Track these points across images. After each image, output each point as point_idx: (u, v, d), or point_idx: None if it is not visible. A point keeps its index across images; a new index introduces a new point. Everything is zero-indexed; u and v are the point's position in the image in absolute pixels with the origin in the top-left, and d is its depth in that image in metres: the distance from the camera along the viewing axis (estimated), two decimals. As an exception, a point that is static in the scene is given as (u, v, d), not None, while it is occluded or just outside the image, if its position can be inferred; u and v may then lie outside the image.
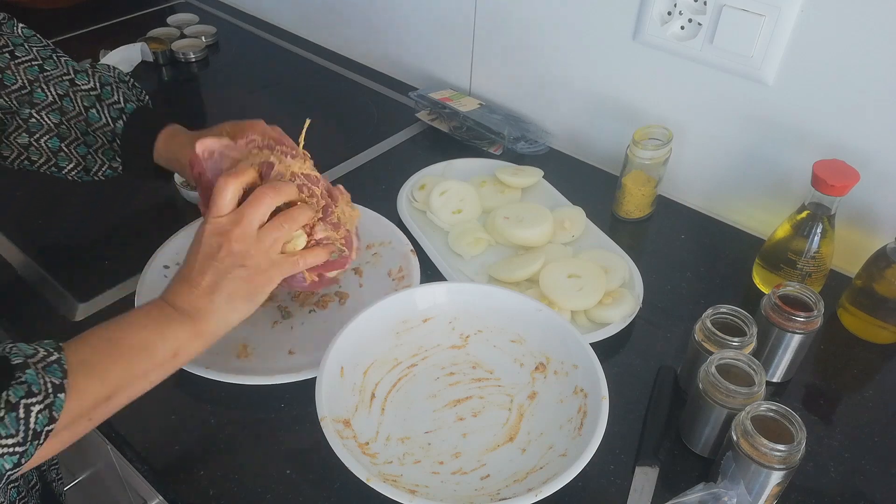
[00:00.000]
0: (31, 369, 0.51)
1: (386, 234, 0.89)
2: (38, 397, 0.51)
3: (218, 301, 0.61)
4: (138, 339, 0.58)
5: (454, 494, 0.63)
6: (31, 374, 0.51)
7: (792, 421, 0.61)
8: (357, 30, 1.33)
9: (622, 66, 1.00)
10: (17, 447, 0.50)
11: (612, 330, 0.79)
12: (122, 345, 0.57)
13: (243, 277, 0.61)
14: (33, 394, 0.51)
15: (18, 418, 0.50)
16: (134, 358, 0.57)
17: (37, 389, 0.51)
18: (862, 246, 0.85)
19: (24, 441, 0.50)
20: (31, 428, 0.51)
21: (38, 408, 0.51)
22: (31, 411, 0.51)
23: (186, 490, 0.65)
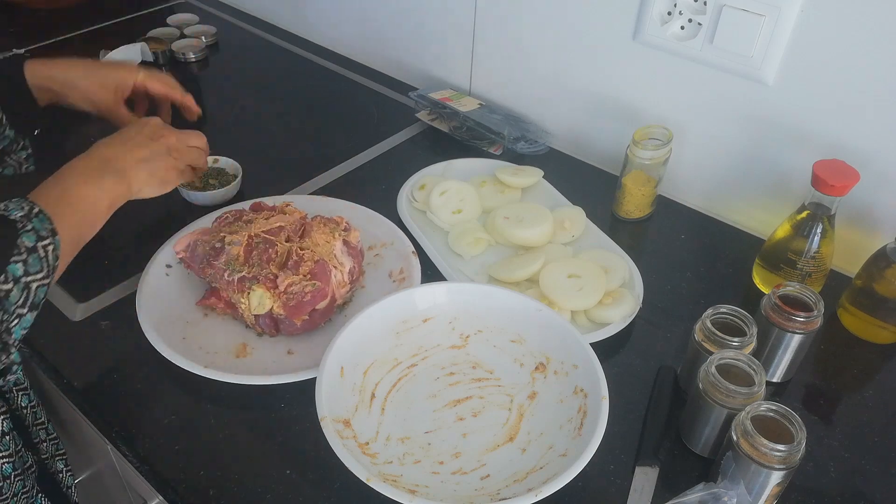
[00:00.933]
0: (32, 221, 0.62)
1: (387, 235, 0.89)
2: (46, 239, 0.62)
3: (142, 172, 0.77)
4: (83, 192, 0.70)
5: (454, 494, 0.63)
6: (36, 223, 0.62)
7: (792, 421, 0.61)
8: (357, 30, 1.33)
9: (622, 66, 1.00)
10: (45, 280, 0.62)
11: (612, 330, 0.79)
12: (71, 197, 0.68)
13: (167, 164, 0.80)
14: (43, 237, 0.62)
15: (40, 258, 0.62)
16: (82, 207, 0.69)
17: (44, 233, 0.62)
18: (862, 246, 0.85)
19: (48, 275, 0.63)
20: (50, 264, 0.63)
21: (50, 248, 0.63)
22: (47, 251, 0.62)
23: (186, 490, 0.65)
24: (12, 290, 0.59)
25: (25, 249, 0.60)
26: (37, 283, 0.61)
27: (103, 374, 0.75)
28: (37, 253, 0.61)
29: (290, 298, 0.74)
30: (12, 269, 0.59)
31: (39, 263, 0.61)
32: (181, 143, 0.83)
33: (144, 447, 0.69)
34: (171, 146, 0.81)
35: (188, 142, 0.85)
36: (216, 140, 0.96)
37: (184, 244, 0.81)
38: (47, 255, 0.62)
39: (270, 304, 0.74)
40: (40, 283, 0.62)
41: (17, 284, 0.60)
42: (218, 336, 0.78)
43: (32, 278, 0.61)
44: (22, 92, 0.84)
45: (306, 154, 1.10)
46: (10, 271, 0.59)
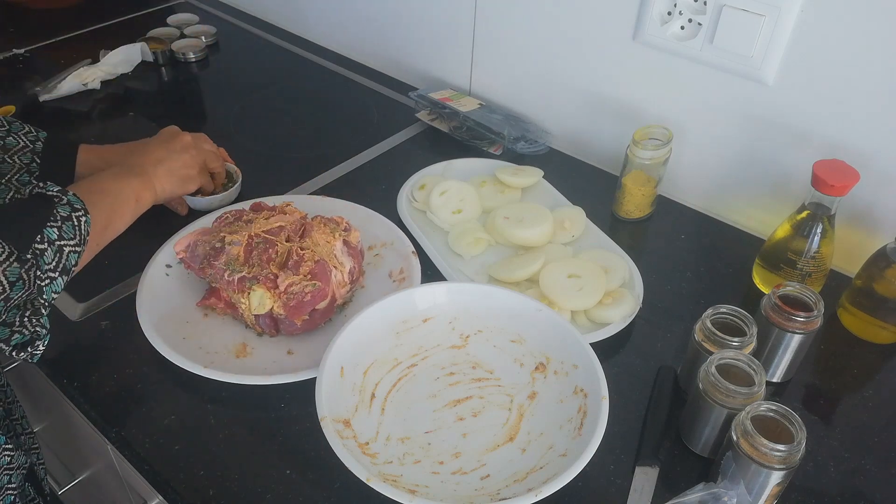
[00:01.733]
0: (68, 196, 0.67)
1: (388, 235, 0.89)
2: (80, 212, 0.67)
3: (161, 170, 0.83)
4: (112, 186, 0.76)
5: (454, 494, 0.63)
6: (70, 197, 0.67)
7: (792, 421, 0.61)
8: (357, 30, 1.33)
9: (622, 66, 1.00)
10: (77, 247, 0.66)
11: (612, 330, 0.79)
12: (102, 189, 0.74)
13: (184, 162, 0.86)
14: (77, 209, 0.67)
15: (74, 226, 0.66)
16: (113, 198, 0.74)
17: (78, 206, 0.67)
18: (862, 246, 0.85)
19: (80, 243, 0.67)
20: (81, 234, 0.67)
21: (83, 220, 0.67)
22: (81, 221, 0.67)
23: (186, 490, 0.65)
24: (47, 251, 0.63)
25: (60, 218, 0.65)
26: (69, 248, 0.65)
27: (103, 374, 0.75)
28: (71, 221, 0.66)
29: (290, 298, 0.74)
30: (48, 232, 0.64)
31: (73, 231, 0.66)
32: (197, 143, 0.90)
33: (144, 447, 0.69)
34: (187, 144, 0.88)
35: (203, 144, 0.92)
36: (216, 140, 0.97)
37: (184, 244, 0.81)
38: (80, 224, 0.67)
39: (271, 304, 0.74)
40: (73, 249, 0.66)
41: (52, 246, 0.63)
42: (218, 336, 0.78)
43: (66, 243, 0.65)
44: (66, 178, 0.87)
45: (306, 154, 1.10)
46: (46, 234, 0.63)
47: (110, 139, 0.89)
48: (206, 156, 0.91)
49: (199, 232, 0.82)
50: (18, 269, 0.60)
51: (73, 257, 0.66)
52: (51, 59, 1.30)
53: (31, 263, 0.61)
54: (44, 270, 0.63)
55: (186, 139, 0.88)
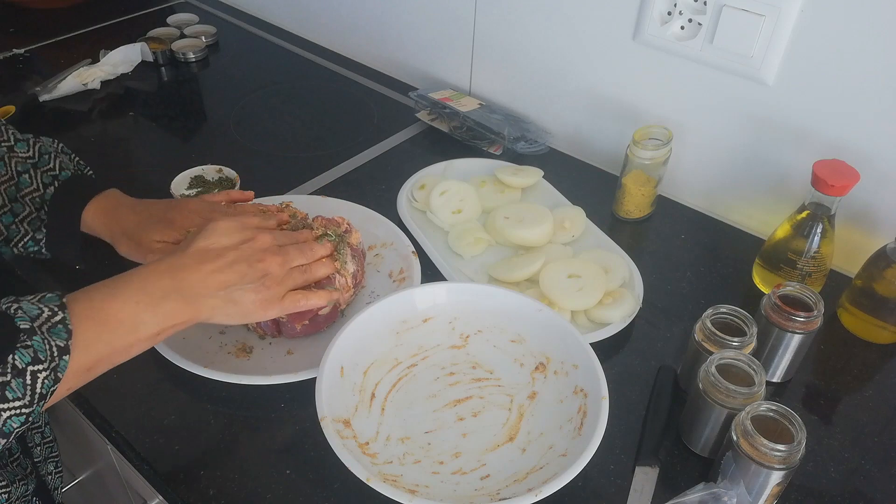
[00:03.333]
0: (38, 335, 0.52)
1: (388, 235, 0.89)
2: (43, 364, 0.52)
3: (220, 298, 0.61)
4: (130, 315, 0.57)
5: (454, 494, 0.63)
6: (38, 342, 0.51)
7: (792, 421, 0.61)
8: (357, 30, 1.33)
9: (622, 66, 1.00)
10: (24, 409, 0.51)
11: (612, 330, 0.79)
12: (112, 318, 0.57)
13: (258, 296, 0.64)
14: (39, 360, 0.51)
15: (25, 384, 0.51)
16: (121, 332, 0.57)
17: (43, 357, 0.52)
18: (862, 246, 0.85)
19: (30, 403, 0.51)
20: (37, 392, 0.52)
21: (43, 374, 0.52)
22: (38, 377, 0.51)
23: (186, 490, 0.65)
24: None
25: (12, 370, 0.50)
26: (11, 412, 0.50)
27: (103, 373, 0.75)
28: (23, 378, 0.51)
29: None
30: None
31: (22, 389, 0.51)
32: (285, 267, 0.66)
33: (144, 447, 0.69)
34: (271, 273, 0.65)
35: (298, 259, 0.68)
36: (216, 141, 0.97)
37: None
38: (36, 381, 0.51)
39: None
40: (16, 412, 0.51)
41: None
42: (218, 336, 0.78)
43: (7, 406, 0.50)
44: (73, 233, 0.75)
45: (306, 154, 1.10)
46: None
47: (110, 139, 0.89)
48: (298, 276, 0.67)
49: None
50: None
51: (16, 421, 0.51)
52: (51, 59, 1.30)
53: None
54: None
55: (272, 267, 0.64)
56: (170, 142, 1.13)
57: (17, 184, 0.75)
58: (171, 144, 1.12)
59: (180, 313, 0.60)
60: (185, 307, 0.60)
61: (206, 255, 0.62)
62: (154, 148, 1.11)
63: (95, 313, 0.56)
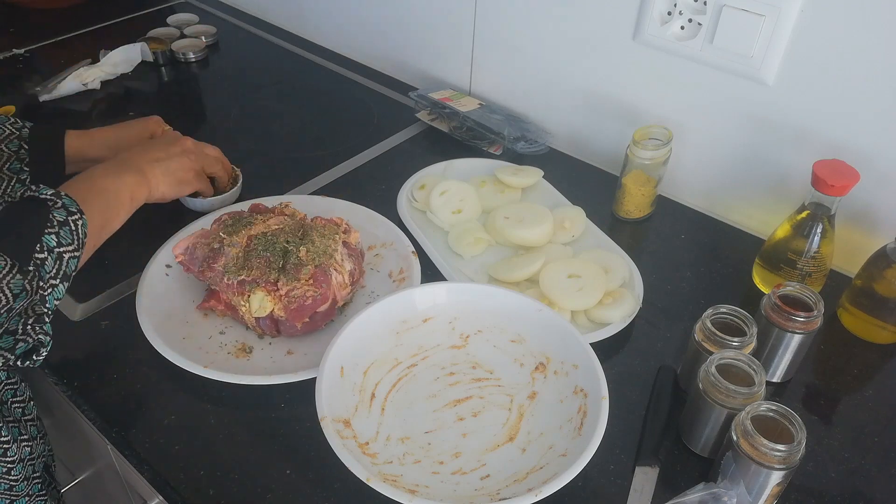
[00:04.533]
0: (61, 201, 0.66)
1: (388, 235, 0.89)
2: (76, 215, 0.67)
3: (158, 170, 0.82)
4: (106, 184, 0.75)
5: (454, 494, 0.63)
6: (65, 200, 0.67)
7: (792, 421, 0.61)
8: (357, 30, 1.33)
9: (622, 66, 1.00)
10: (76, 252, 0.66)
11: (612, 330, 0.79)
12: (95, 188, 0.74)
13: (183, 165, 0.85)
14: (73, 213, 0.67)
15: (71, 231, 0.66)
16: (105, 197, 0.74)
17: (73, 209, 0.67)
18: (862, 246, 0.85)
19: (78, 247, 0.67)
20: (79, 237, 0.67)
21: (80, 223, 0.67)
22: (77, 225, 0.67)
23: (186, 490, 0.65)
24: (47, 259, 0.63)
25: (57, 223, 0.65)
26: (69, 255, 0.65)
27: (103, 374, 0.75)
28: (68, 226, 0.66)
29: (290, 302, 0.74)
30: (47, 239, 0.63)
31: (70, 236, 0.66)
32: (197, 148, 0.89)
33: (144, 447, 0.69)
34: (187, 149, 0.87)
35: (204, 149, 0.91)
36: (216, 140, 0.96)
37: (182, 247, 0.81)
38: (77, 228, 0.66)
39: (271, 306, 0.74)
40: (72, 255, 0.66)
41: (52, 254, 0.63)
42: (218, 336, 0.78)
43: (65, 249, 0.65)
44: (57, 164, 0.87)
45: (306, 154, 1.10)
46: (45, 242, 0.63)
47: (110, 139, 0.90)
48: (206, 160, 0.90)
49: (197, 234, 0.82)
50: (21, 280, 0.60)
51: (73, 263, 0.66)
52: (51, 59, 1.30)
53: (34, 274, 0.62)
54: (45, 279, 0.63)
55: (187, 143, 0.88)
56: (170, 142, 1.13)
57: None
58: (171, 144, 1.12)
59: (137, 182, 0.79)
60: (138, 177, 0.79)
61: (144, 147, 0.84)
62: (154, 148, 1.11)
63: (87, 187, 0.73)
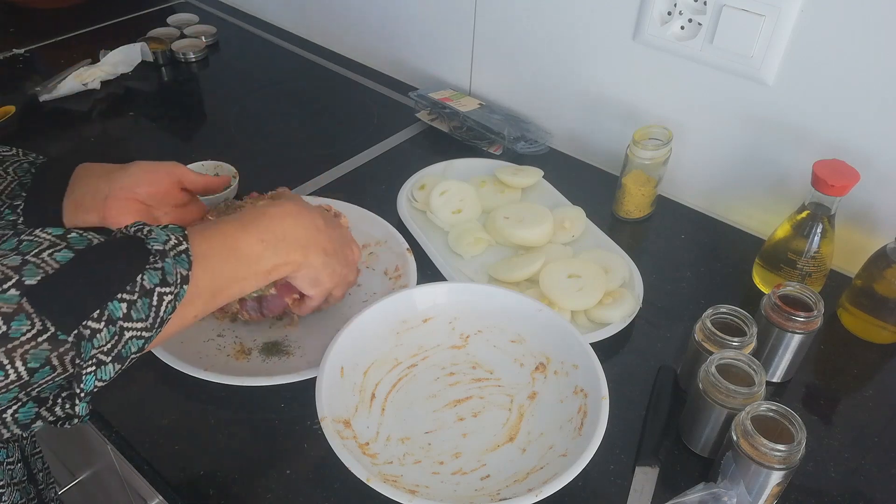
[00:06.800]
0: (169, 258, 0.52)
1: (382, 233, 0.89)
2: (170, 287, 0.52)
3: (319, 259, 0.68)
4: (253, 251, 0.61)
5: (454, 494, 0.63)
6: (168, 264, 0.52)
7: (792, 421, 0.61)
8: (357, 30, 1.33)
9: (622, 66, 1.00)
10: (145, 332, 0.51)
11: (612, 330, 0.79)
12: (236, 248, 0.60)
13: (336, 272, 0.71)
14: (167, 283, 0.52)
15: (151, 305, 0.51)
16: (243, 264, 0.60)
17: (171, 280, 0.52)
18: (862, 246, 0.85)
19: (151, 327, 0.51)
20: (160, 316, 0.52)
21: (168, 298, 0.52)
22: (164, 300, 0.52)
23: (186, 490, 0.65)
24: (101, 331, 0.48)
25: (140, 289, 0.50)
26: (132, 333, 0.50)
27: (103, 374, 0.75)
28: (149, 298, 0.51)
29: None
30: (113, 307, 0.48)
31: (146, 311, 0.50)
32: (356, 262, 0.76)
33: (144, 447, 0.69)
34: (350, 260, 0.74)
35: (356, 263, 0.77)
36: (216, 141, 0.97)
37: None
38: (161, 304, 0.51)
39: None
40: (136, 334, 0.50)
41: (111, 327, 0.48)
42: (216, 339, 0.78)
43: (131, 325, 0.50)
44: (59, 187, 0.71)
45: (306, 154, 1.10)
46: (109, 310, 0.48)
47: (110, 139, 0.89)
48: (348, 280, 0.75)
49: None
50: (47, 352, 0.45)
51: (136, 344, 0.51)
52: (51, 59, 1.30)
53: (69, 347, 0.47)
54: (87, 356, 0.48)
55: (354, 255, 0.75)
56: (170, 142, 1.13)
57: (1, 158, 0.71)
58: (172, 145, 1.12)
59: (292, 257, 0.65)
60: (297, 252, 0.65)
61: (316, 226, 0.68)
62: (154, 148, 1.11)
63: (224, 244, 0.59)
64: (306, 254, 0.66)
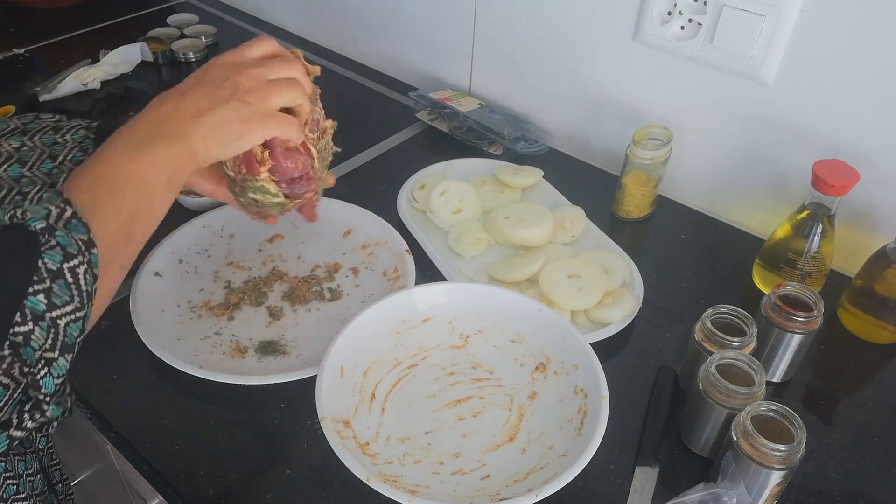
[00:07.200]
0: (59, 231, 0.47)
1: (382, 233, 0.89)
2: (77, 258, 0.47)
3: (203, 127, 0.57)
4: (131, 170, 0.53)
5: (454, 494, 0.63)
6: (62, 236, 0.47)
7: (792, 421, 0.61)
8: (357, 30, 1.33)
9: (622, 66, 1.00)
10: (78, 312, 0.48)
11: (612, 330, 0.79)
12: (117, 180, 0.53)
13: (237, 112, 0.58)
14: (71, 255, 0.47)
15: (68, 283, 0.47)
16: (134, 191, 0.53)
17: (73, 251, 0.47)
18: (862, 246, 0.85)
19: (82, 305, 0.48)
20: (83, 290, 0.48)
21: (82, 269, 0.47)
22: (78, 273, 0.47)
23: (186, 490, 0.65)
24: (33, 331, 0.45)
25: (48, 274, 0.46)
26: (67, 319, 0.47)
27: (103, 374, 0.75)
28: (63, 278, 0.46)
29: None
30: (31, 303, 0.45)
31: (68, 291, 0.47)
32: (257, 80, 0.60)
33: (144, 447, 0.69)
34: (241, 86, 0.59)
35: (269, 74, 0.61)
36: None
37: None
38: (77, 278, 0.47)
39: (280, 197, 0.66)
40: (72, 318, 0.47)
41: (41, 323, 0.46)
42: (213, 337, 0.78)
43: (60, 312, 0.47)
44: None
45: (306, 154, 1.10)
46: (28, 307, 0.45)
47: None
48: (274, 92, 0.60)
49: None
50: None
51: (76, 326, 0.48)
52: (51, 59, 1.30)
53: (10, 360, 0.45)
54: (34, 359, 0.46)
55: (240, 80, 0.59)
56: (170, 142, 1.13)
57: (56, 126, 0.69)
58: (171, 144, 1.12)
59: (176, 153, 0.56)
60: (176, 145, 0.56)
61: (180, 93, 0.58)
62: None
63: (101, 181, 0.52)
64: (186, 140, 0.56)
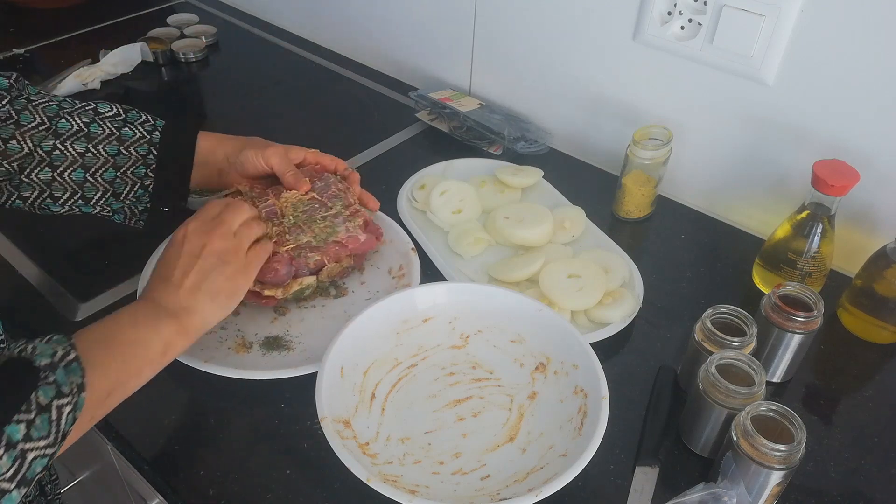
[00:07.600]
0: (59, 370, 0.52)
1: (387, 232, 0.89)
2: (67, 398, 0.52)
3: (202, 299, 0.65)
4: (132, 337, 0.60)
5: (454, 495, 0.63)
6: (60, 375, 0.52)
7: (792, 421, 0.61)
8: (357, 30, 1.33)
9: (622, 66, 1.00)
10: (48, 449, 0.51)
11: (612, 330, 0.79)
12: (117, 341, 0.59)
13: (226, 275, 0.66)
14: (63, 394, 0.51)
15: (51, 420, 0.50)
16: (129, 354, 0.59)
17: (66, 390, 0.52)
18: (862, 246, 0.85)
19: (54, 443, 0.51)
20: (61, 430, 0.51)
21: (68, 409, 0.52)
22: (63, 412, 0.51)
23: (186, 490, 0.66)
24: (1, 458, 0.47)
25: (36, 407, 0.49)
26: (35, 453, 0.49)
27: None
28: (48, 413, 0.50)
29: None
30: (11, 430, 0.47)
31: (47, 427, 0.50)
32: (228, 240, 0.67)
33: (144, 447, 0.69)
34: (219, 251, 0.66)
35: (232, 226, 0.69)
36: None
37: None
38: (60, 417, 0.51)
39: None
40: (40, 454, 0.50)
41: (11, 451, 0.47)
42: (218, 331, 0.78)
43: (33, 445, 0.49)
44: (185, 168, 0.78)
45: (306, 154, 1.10)
46: (7, 433, 0.47)
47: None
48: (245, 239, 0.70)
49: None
50: None
51: (40, 463, 0.50)
52: (51, 59, 1.30)
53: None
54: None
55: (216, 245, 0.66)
56: (170, 142, 1.13)
57: (119, 137, 0.77)
58: (171, 144, 1.12)
59: (174, 328, 0.63)
60: (176, 322, 0.63)
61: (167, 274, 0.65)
62: (154, 148, 1.11)
63: (102, 340, 0.58)
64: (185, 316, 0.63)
